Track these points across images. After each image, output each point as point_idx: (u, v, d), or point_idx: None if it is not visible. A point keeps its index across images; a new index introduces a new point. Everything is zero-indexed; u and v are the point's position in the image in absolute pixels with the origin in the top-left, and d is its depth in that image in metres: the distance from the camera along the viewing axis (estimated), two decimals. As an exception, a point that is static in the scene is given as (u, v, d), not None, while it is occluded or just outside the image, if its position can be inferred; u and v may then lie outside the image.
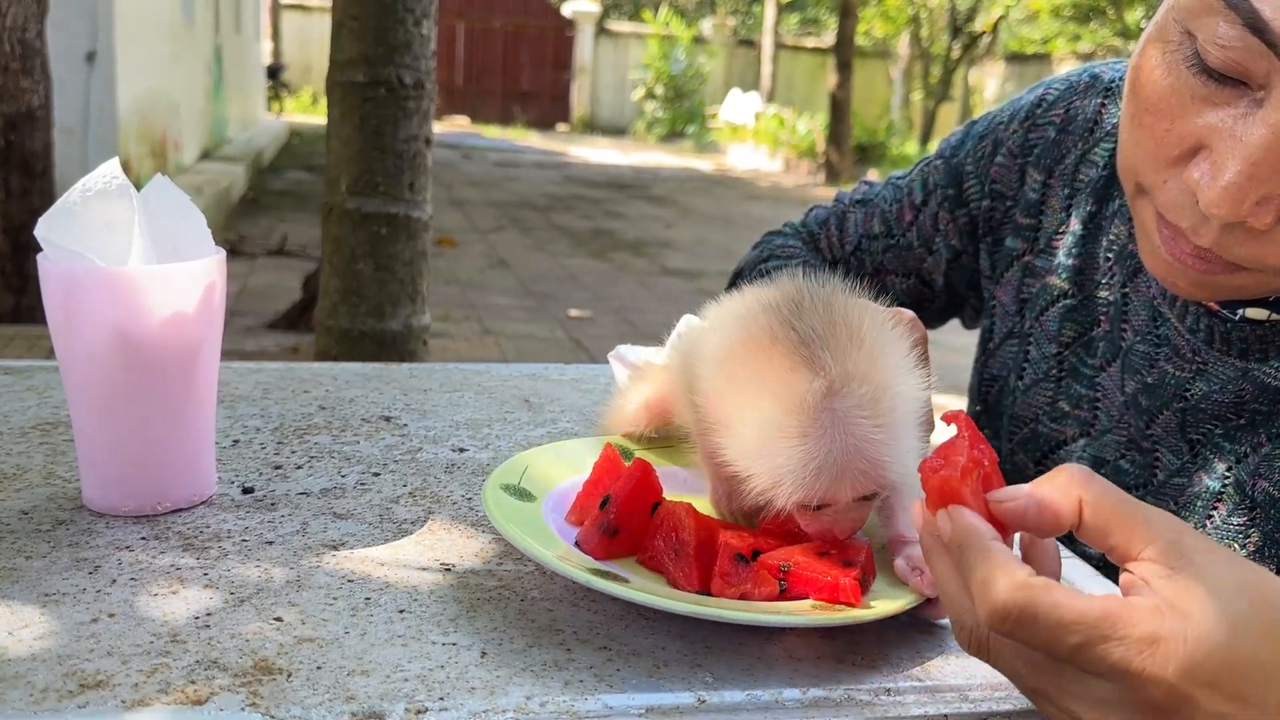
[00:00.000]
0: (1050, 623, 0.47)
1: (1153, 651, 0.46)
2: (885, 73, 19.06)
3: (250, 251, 6.40)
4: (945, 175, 1.03)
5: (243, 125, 12.39)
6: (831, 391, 0.59)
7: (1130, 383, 0.86)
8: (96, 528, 0.69)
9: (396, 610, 0.60)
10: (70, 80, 5.62)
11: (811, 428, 0.59)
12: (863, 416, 0.59)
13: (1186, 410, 0.82)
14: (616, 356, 0.89)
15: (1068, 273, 0.92)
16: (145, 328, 0.68)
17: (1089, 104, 0.95)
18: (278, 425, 0.89)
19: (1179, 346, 0.83)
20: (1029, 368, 0.95)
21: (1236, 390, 0.79)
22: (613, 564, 0.65)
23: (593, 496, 0.69)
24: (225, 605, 0.60)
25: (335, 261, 2.39)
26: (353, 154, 2.32)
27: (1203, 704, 0.47)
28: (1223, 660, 0.47)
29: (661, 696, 0.54)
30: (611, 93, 19.93)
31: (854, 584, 0.60)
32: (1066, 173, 0.94)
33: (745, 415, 0.61)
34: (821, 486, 0.59)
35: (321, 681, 0.53)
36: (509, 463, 0.72)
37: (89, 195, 0.69)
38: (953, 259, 1.03)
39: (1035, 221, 0.96)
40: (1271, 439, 0.78)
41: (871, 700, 0.55)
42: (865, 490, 0.61)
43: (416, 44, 2.28)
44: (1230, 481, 0.79)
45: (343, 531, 0.70)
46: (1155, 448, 0.84)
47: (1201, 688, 0.47)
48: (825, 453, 0.59)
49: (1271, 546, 0.77)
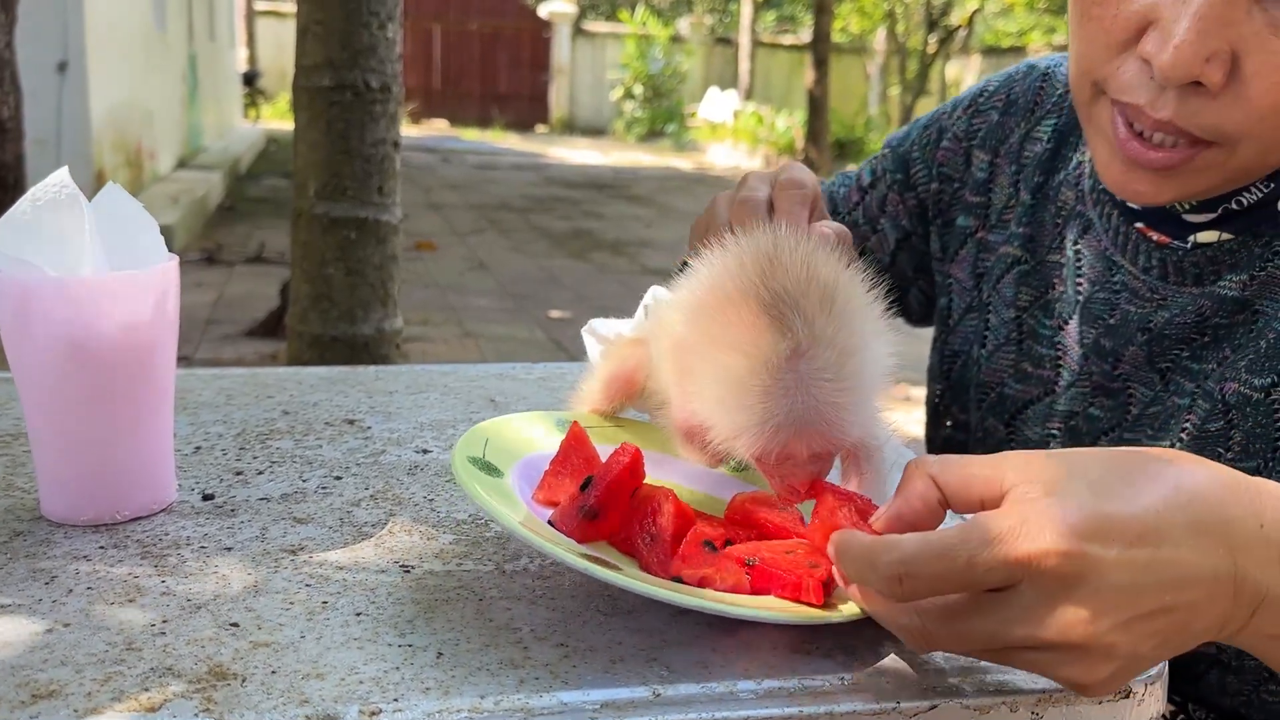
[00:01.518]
0: (934, 559, 0.50)
1: (1026, 531, 0.49)
2: (862, 68, 19.11)
3: (228, 259, 6.38)
4: (893, 162, 1.07)
5: (219, 133, 12.34)
6: (797, 354, 0.59)
7: (1090, 332, 0.89)
8: (55, 538, 0.69)
9: (353, 613, 0.60)
10: (42, 91, 5.59)
11: (774, 388, 0.59)
12: (826, 380, 0.60)
13: (1151, 340, 0.84)
14: (589, 331, 0.89)
15: (1019, 240, 0.96)
16: (99, 336, 0.68)
17: (1029, 86, 1.00)
18: (240, 431, 0.89)
19: (1136, 289, 0.86)
20: (990, 335, 0.97)
21: (1197, 310, 0.82)
22: (588, 547, 0.64)
23: (560, 475, 0.68)
24: (181, 612, 0.60)
25: (305, 266, 2.38)
26: (320, 158, 2.31)
27: (1103, 556, 0.49)
28: (1095, 513, 0.49)
29: (617, 691, 0.54)
30: (590, 93, 19.93)
31: (818, 584, 0.60)
32: (1012, 151, 0.99)
33: (711, 369, 0.62)
34: (779, 443, 0.60)
35: (276, 686, 0.53)
36: (469, 434, 0.69)
37: (39, 205, 0.69)
38: (902, 239, 1.06)
39: (985, 199, 1.00)
40: (1235, 349, 0.80)
41: (826, 690, 0.56)
42: (822, 448, 0.61)
43: (382, 47, 2.28)
44: (1200, 393, 0.81)
45: (302, 536, 0.70)
46: (1126, 385, 0.87)
47: (1089, 541, 0.49)
48: (785, 412, 0.59)
49: (1254, 443, 0.78)
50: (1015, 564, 0.49)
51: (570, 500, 0.65)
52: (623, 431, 0.77)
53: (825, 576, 0.60)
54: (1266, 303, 0.80)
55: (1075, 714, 0.57)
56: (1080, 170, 0.94)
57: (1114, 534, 0.49)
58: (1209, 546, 0.51)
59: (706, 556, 0.62)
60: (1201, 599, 0.51)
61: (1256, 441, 0.78)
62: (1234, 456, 0.79)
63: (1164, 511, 0.50)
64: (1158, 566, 0.50)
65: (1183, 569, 0.50)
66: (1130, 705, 0.58)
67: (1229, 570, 0.51)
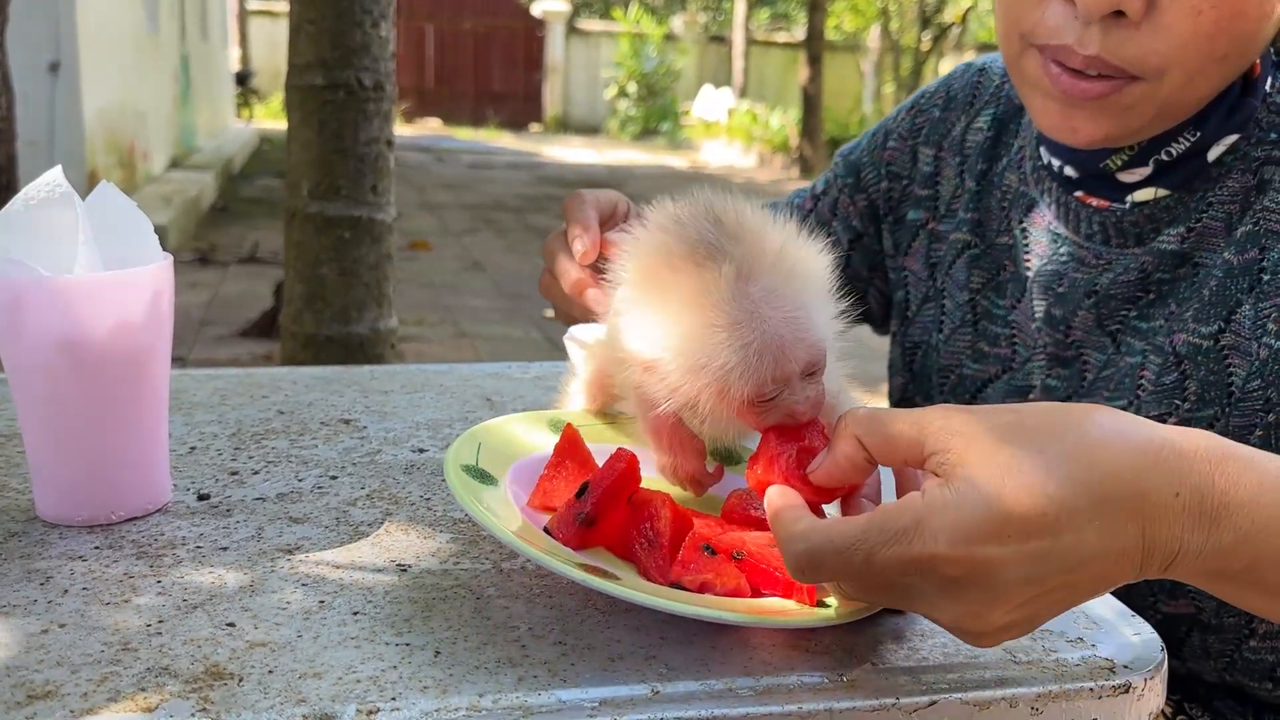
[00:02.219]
0: (834, 556, 0.52)
1: (920, 533, 0.50)
2: (856, 66, 19.11)
3: (222, 260, 6.37)
4: (844, 169, 1.12)
5: (212, 133, 12.30)
6: (741, 275, 0.60)
7: (1040, 305, 0.91)
8: (50, 539, 0.68)
9: (350, 612, 0.60)
10: (34, 92, 5.57)
11: (737, 315, 0.60)
12: (777, 297, 0.60)
13: (1099, 302, 0.87)
14: (570, 338, 0.88)
15: (968, 225, 0.99)
16: (92, 336, 0.67)
17: (966, 81, 1.05)
18: (235, 431, 0.88)
19: (1082, 257, 0.89)
20: (946, 319, 1.00)
21: (1139, 268, 0.86)
22: (585, 554, 0.64)
23: (555, 480, 0.67)
24: (178, 612, 0.60)
25: (299, 266, 2.37)
26: (313, 158, 2.31)
27: (999, 555, 0.50)
28: (991, 515, 0.49)
29: (615, 689, 0.54)
30: (584, 92, 19.91)
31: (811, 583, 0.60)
32: (955, 143, 1.03)
33: (674, 330, 0.61)
34: (768, 367, 0.60)
35: (273, 685, 0.53)
36: (461, 440, 0.68)
37: (32, 204, 0.69)
38: (854, 239, 1.10)
39: (933, 191, 1.04)
40: (1180, 303, 0.83)
41: (825, 687, 0.56)
42: (809, 359, 0.61)
43: (375, 46, 2.27)
44: (1151, 349, 0.84)
45: (298, 535, 0.70)
46: (1080, 352, 0.89)
47: (987, 544, 0.49)
48: (760, 334, 0.60)
49: (1209, 390, 0.80)
50: (910, 564, 0.51)
51: (567, 507, 0.64)
52: (616, 430, 0.77)
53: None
54: (1204, 254, 0.83)
55: (1075, 709, 0.57)
56: (1021, 154, 0.97)
57: (1011, 531, 0.50)
58: (1117, 523, 0.51)
59: (706, 561, 0.61)
60: (1105, 570, 0.52)
61: (1211, 389, 0.80)
62: (1191, 406, 0.81)
63: (1069, 498, 0.50)
64: (1057, 554, 0.50)
65: (1084, 550, 0.50)
66: (1130, 700, 0.58)
67: (1136, 542, 0.51)
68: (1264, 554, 0.52)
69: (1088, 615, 0.64)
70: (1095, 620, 0.64)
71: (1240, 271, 0.80)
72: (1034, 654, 0.59)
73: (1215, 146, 0.83)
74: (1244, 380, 0.79)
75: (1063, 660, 0.59)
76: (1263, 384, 0.78)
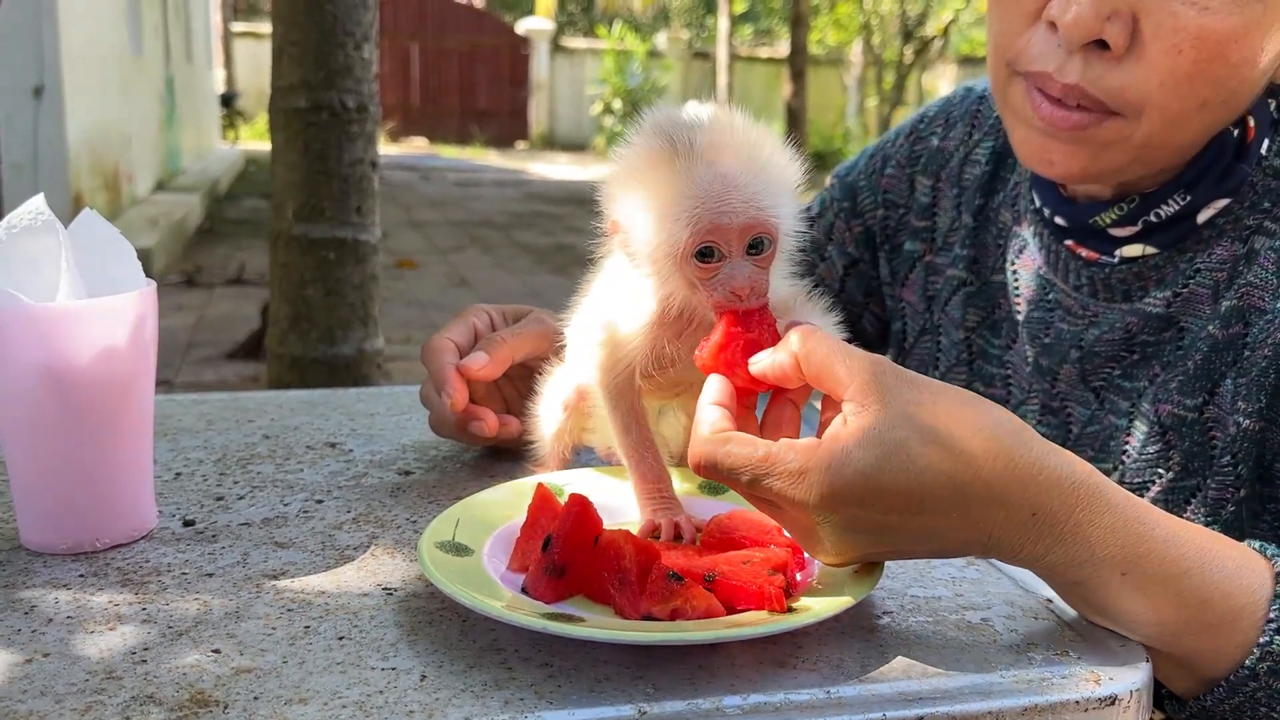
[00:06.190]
0: (726, 467, 0.59)
1: (799, 482, 0.57)
2: (839, 80, 19.21)
3: (208, 282, 6.35)
4: (840, 191, 1.11)
5: (197, 154, 12.30)
6: (706, 159, 0.63)
7: (1031, 350, 0.92)
8: (34, 567, 0.68)
9: (336, 637, 0.60)
10: (18, 115, 5.56)
11: (684, 167, 0.63)
12: (729, 153, 0.63)
13: (1083, 358, 0.88)
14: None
15: (964, 263, 0.99)
16: (75, 364, 0.67)
17: (965, 109, 1.04)
18: (220, 456, 0.88)
19: (1069, 306, 0.89)
20: (942, 356, 1.00)
21: (1125, 327, 0.85)
22: (566, 604, 0.64)
23: (532, 540, 0.68)
24: (163, 639, 0.59)
25: (284, 288, 2.37)
26: (298, 179, 2.31)
27: (861, 515, 0.57)
28: (866, 486, 0.56)
29: (602, 710, 0.54)
30: (569, 108, 19.95)
31: (779, 592, 0.61)
32: (952, 174, 1.02)
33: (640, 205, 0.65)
34: (705, 219, 0.62)
35: (259, 712, 0.53)
36: (439, 520, 0.69)
37: (14, 232, 0.69)
38: (849, 265, 1.10)
39: (930, 223, 1.03)
40: (1165, 367, 0.83)
41: (811, 703, 0.56)
42: (748, 223, 0.63)
43: (358, 67, 2.28)
44: (1135, 415, 0.84)
45: (284, 560, 0.70)
46: (1065, 405, 0.90)
47: (849, 506, 0.57)
48: (701, 183, 0.62)
49: (1193, 461, 0.81)
50: (782, 500, 0.58)
51: (536, 564, 0.65)
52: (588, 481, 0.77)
53: (784, 583, 0.62)
54: (1190, 320, 0.83)
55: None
56: (1017, 191, 0.96)
57: (876, 502, 0.57)
58: (968, 520, 0.58)
59: (675, 588, 0.62)
60: (946, 549, 0.61)
61: (1194, 460, 0.81)
62: (1174, 476, 0.81)
63: (938, 485, 0.57)
64: (910, 528, 0.58)
65: (934, 530, 0.59)
66: (1116, 713, 0.58)
67: (980, 539, 0.59)
68: (1090, 579, 0.61)
69: (1074, 628, 0.64)
70: (1081, 633, 0.64)
71: (1225, 346, 0.80)
72: (1020, 667, 0.60)
73: (1206, 209, 0.83)
74: (1218, 454, 0.79)
75: (1049, 674, 0.59)
76: (1233, 460, 0.78)
